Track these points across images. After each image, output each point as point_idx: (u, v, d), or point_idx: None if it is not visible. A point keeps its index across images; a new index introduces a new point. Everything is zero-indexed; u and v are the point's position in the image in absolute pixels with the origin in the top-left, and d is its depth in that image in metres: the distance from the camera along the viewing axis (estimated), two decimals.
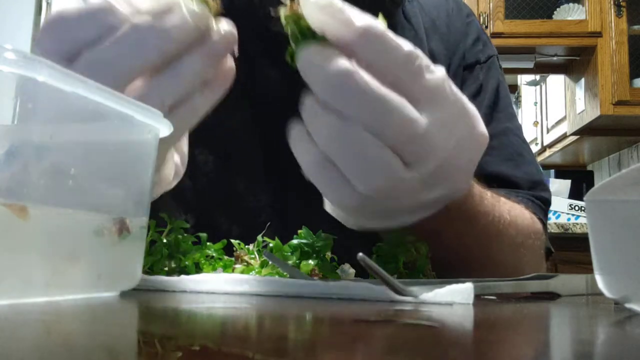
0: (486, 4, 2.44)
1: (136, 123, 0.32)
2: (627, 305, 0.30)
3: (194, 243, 0.45)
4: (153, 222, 0.42)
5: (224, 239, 0.46)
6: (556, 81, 3.04)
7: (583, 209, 2.20)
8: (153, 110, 0.33)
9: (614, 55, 2.38)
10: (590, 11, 2.41)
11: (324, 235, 0.42)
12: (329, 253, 0.42)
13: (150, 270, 0.42)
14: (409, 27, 0.68)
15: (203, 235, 0.45)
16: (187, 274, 0.42)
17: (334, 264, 0.42)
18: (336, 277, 0.41)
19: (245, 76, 0.40)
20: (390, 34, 0.37)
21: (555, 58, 2.61)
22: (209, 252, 0.44)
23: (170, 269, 0.43)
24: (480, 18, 2.38)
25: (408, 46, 0.37)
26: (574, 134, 2.71)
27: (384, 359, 0.17)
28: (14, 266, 0.26)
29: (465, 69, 0.71)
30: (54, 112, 0.28)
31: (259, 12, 0.57)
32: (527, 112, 3.53)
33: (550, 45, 2.49)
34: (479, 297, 0.35)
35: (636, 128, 2.55)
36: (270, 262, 0.41)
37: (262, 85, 0.62)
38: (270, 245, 0.43)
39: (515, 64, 2.59)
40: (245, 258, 0.43)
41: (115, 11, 0.36)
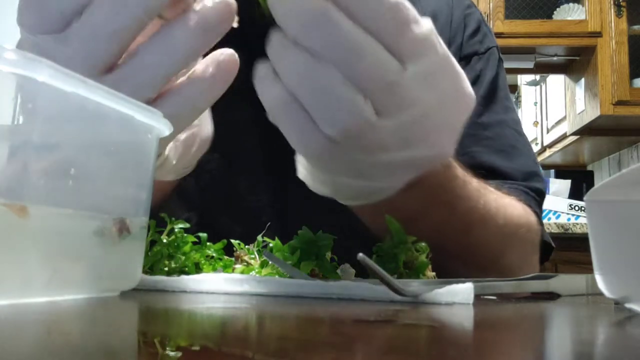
0: (486, 4, 2.44)
1: (136, 123, 0.32)
2: (627, 305, 0.30)
3: (194, 243, 0.45)
4: (153, 222, 0.42)
5: (225, 239, 0.46)
6: (556, 81, 3.05)
7: (583, 209, 2.20)
8: (153, 110, 0.33)
9: (614, 55, 2.38)
10: (590, 11, 2.41)
11: (324, 235, 0.42)
12: (329, 253, 0.42)
13: (150, 270, 0.42)
14: None
15: (203, 235, 0.45)
16: (187, 274, 0.42)
17: (334, 264, 0.42)
18: (336, 277, 0.41)
19: (245, 75, 0.39)
20: None
21: (555, 58, 2.61)
22: (209, 252, 0.44)
23: (170, 269, 0.43)
24: None
25: None
26: (574, 134, 2.71)
27: (384, 359, 0.17)
28: (14, 266, 0.26)
29: (462, 59, 0.70)
30: (54, 112, 0.28)
31: (260, 10, 0.57)
32: (527, 112, 3.53)
33: (550, 45, 2.50)
34: (479, 297, 0.35)
35: (636, 128, 2.55)
36: (270, 262, 0.41)
37: None
38: (270, 245, 0.43)
39: (515, 64, 2.59)
40: (245, 258, 0.43)
41: None
